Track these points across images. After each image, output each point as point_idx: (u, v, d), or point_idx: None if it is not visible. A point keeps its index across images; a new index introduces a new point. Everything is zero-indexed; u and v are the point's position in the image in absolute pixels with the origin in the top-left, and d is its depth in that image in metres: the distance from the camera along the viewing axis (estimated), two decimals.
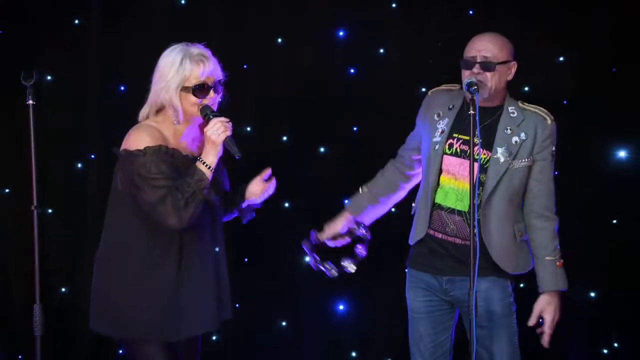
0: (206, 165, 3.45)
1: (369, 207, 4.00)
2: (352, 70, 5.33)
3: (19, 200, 5.14)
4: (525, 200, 3.83)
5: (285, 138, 5.36)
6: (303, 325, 5.41)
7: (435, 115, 3.84)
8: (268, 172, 3.76)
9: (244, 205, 3.81)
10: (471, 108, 3.47)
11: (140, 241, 3.51)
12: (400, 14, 5.31)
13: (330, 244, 4.06)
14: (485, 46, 3.72)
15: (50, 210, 5.03)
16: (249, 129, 5.35)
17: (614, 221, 5.24)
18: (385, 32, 5.32)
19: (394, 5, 5.30)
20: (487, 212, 3.71)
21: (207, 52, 3.59)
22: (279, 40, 5.33)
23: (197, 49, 3.56)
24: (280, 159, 5.31)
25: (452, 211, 3.77)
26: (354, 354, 5.41)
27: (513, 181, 3.74)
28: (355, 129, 5.34)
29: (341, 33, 5.30)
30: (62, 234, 5.00)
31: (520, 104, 3.82)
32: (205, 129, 3.49)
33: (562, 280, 3.81)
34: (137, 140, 3.45)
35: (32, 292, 3.52)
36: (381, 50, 5.32)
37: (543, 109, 3.85)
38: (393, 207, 4.22)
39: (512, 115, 3.77)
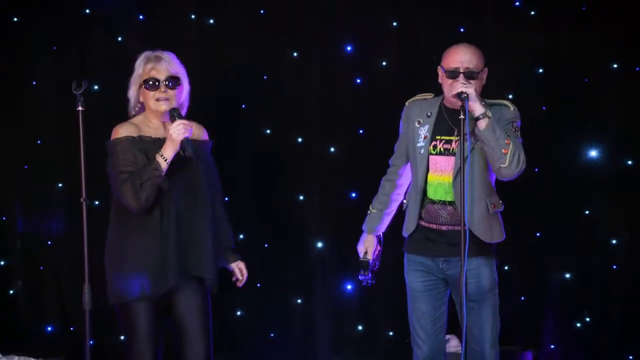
0: (163, 158, 3.51)
1: (380, 223, 4.01)
2: (358, 80, 5.32)
3: (70, 194, 5.18)
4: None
5: (300, 139, 5.36)
6: (315, 302, 5.40)
7: (416, 123, 3.83)
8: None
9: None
10: (461, 113, 3.48)
11: (123, 216, 3.61)
12: (400, 31, 5.30)
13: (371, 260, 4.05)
14: (467, 58, 3.71)
15: (97, 202, 5.05)
16: (268, 131, 5.36)
17: (587, 212, 5.22)
18: (387, 47, 5.31)
19: (394, 24, 5.29)
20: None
21: (164, 54, 3.65)
22: (295, 54, 5.33)
23: (154, 52, 3.64)
24: (296, 157, 5.33)
25: (443, 203, 3.77)
26: (360, 328, 5.41)
27: (480, 159, 3.71)
28: (361, 131, 5.34)
29: (349, 48, 5.30)
30: (108, 223, 5.01)
31: (486, 100, 3.79)
32: (170, 127, 3.53)
33: None
34: (114, 134, 3.58)
35: (82, 273, 3.54)
36: (384, 63, 5.32)
37: (507, 101, 3.84)
38: None
39: None
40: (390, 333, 5.37)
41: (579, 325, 5.26)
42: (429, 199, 3.79)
